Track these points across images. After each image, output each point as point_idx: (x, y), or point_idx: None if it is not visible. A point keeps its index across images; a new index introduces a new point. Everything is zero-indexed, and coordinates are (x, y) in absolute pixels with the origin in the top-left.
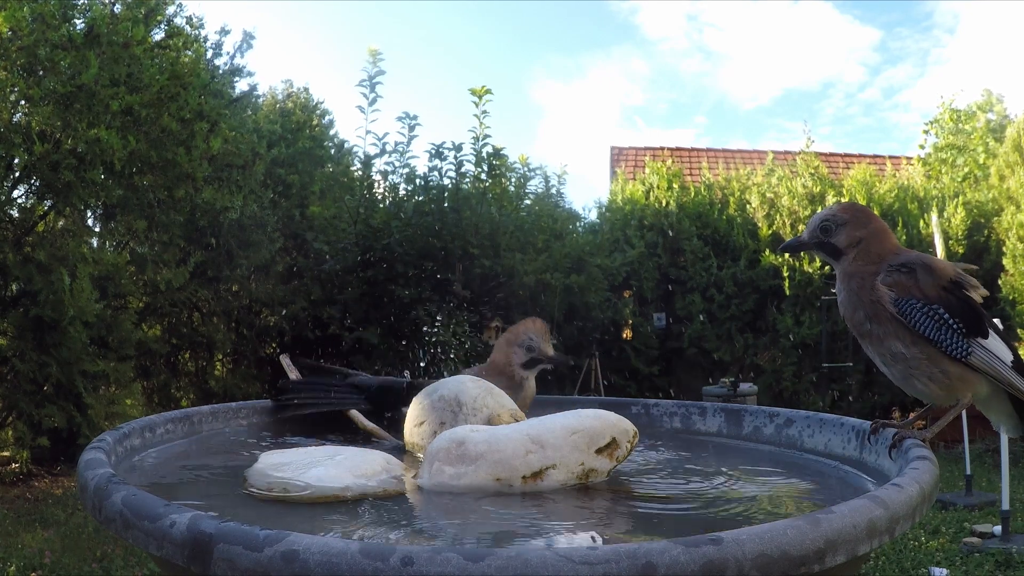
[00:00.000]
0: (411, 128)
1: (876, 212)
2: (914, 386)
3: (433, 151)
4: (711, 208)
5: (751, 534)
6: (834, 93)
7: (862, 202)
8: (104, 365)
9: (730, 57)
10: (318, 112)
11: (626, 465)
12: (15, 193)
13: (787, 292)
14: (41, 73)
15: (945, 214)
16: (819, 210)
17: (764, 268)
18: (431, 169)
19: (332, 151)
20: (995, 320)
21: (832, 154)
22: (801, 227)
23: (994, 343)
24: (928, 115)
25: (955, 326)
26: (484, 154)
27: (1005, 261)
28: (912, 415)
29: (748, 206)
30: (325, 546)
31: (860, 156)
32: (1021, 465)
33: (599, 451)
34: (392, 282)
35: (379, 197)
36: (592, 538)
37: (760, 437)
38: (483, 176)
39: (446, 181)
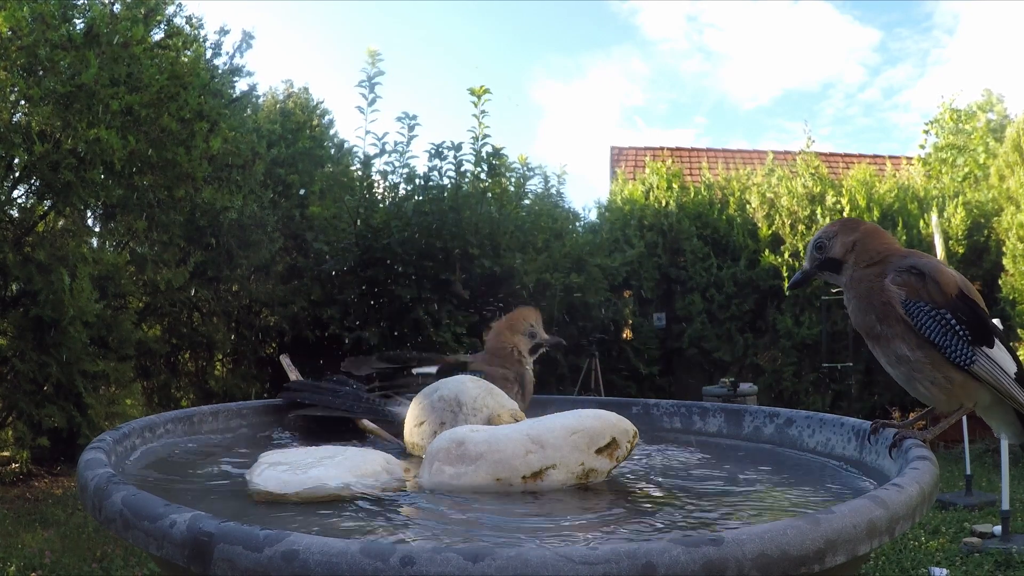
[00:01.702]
0: (410, 128)
1: (876, 212)
2: (917, 389)
3: (433, 151)
4: (711, 208)
5: (751, 534)
6: (834, 93)
7: (862, 202)
8: (104, 365)
9: (730, 57)
10: (318, 112)
11: (626, 465)
12: (15, 193)
13: (787, 292)
14: (41, 73)
15: (945, 214)
16: (818, 210)
17: (764, 268)
18: (431, 169)
19: (332, 151)
20: (995, 320)
21: (832, 154)
22: (801, 227)
23: (999, 353)
24: (928, 115)
25: (961, 332)
26: (484, 154)
27: (1005, 261)
28: (912, 415)
29: (748, 206)
30: (325, 546)
31: (860, 156)
32: (1021, 465)
33: (599, 451)
34: (392, 282)
35: (379, 197)
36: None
37: (760, 437)
38: (483, 176)
39: (446, 181)
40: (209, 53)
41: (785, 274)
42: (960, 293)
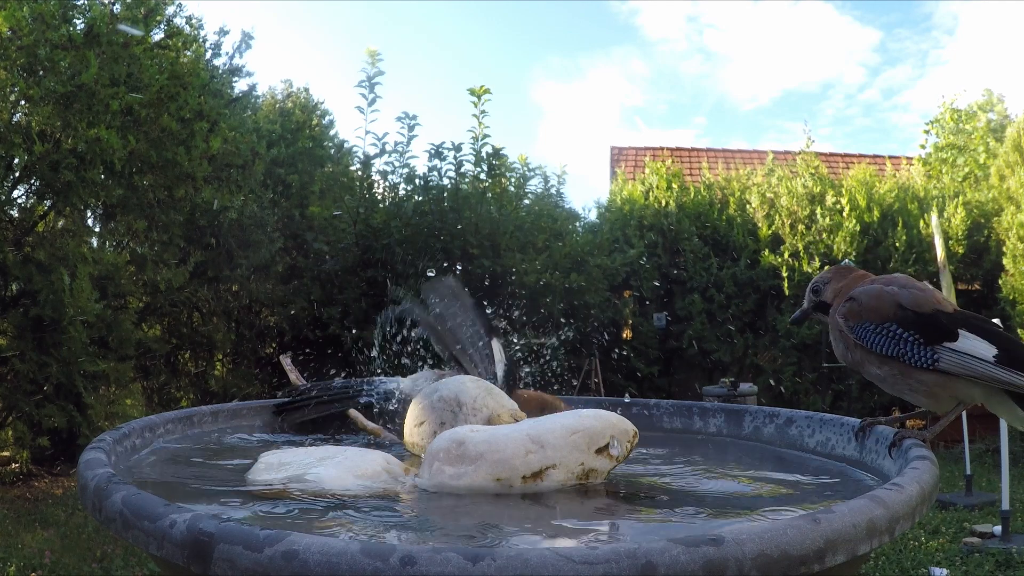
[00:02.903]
0: (410, 128)
1: (876, 212)
2: (906, 397)
3: (433, 151)
4: (711, 208)
5: (751, 534)
6: (834, 94)
7: (862, 202)
8: (104, 365)
9: (730, 58)
10: (318, 112)
11: (626, 465)
12: (15, 193)
13: (787, 292)
14: (41, 73)
15: (945, 214)
16: (818, 210)
17: (764, 268)
18: (431, 169)
19: (332, 151)
20: (995, 320)
21: (832, 154)
22: (801, 227)
23: (966, 343)
24: (928, 116)
25: (911, 339)
26: (483, 154)
27: (1005, 261)
28: (897, 413)
29: (748, 206)
30: (325, 546)
31: (860, 156)
32: (1021, 465)
33: (599, 451)
34: (392, 282)
35: (379, 197)
36: None
37: (760, 437)
38: (483, 176)
39: (446, 181)
40: (209, 53)
41: (785, 275)
42: (899, 306)
